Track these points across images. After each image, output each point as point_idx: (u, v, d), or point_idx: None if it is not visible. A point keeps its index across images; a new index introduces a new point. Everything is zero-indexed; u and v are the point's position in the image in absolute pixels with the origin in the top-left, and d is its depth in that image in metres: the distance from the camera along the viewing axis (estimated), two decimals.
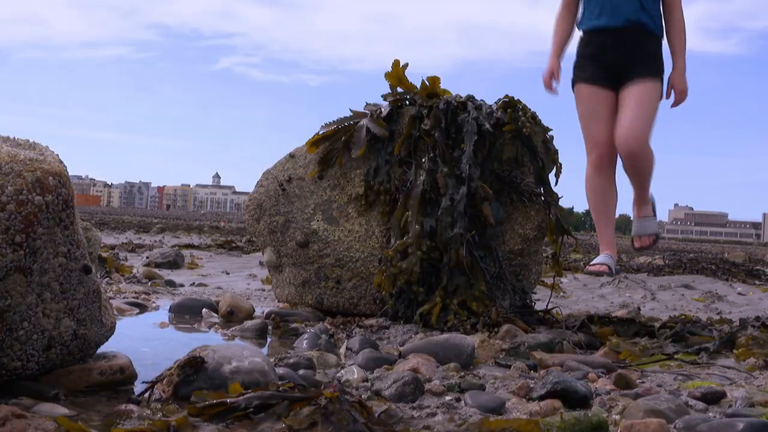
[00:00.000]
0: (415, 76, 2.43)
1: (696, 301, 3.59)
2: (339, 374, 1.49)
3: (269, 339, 2.00)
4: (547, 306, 2.43)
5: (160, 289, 2.92)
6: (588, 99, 3.05)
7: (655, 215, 3.40)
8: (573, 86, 3.09)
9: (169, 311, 2.30)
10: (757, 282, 5.02)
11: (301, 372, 1.45)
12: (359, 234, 2.38)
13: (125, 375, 1.32)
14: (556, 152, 2.42)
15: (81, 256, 1.27)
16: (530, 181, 2.38)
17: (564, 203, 2.43)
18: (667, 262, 6.66)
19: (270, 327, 2.08)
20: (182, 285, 3.20)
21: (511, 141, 2.35)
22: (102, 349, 1.38)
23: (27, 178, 1.17)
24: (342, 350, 1.79)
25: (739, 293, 4.12)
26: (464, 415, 1.24)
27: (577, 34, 3.17)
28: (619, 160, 3.00)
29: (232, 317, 2.26)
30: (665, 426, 1.14)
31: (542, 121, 2.46)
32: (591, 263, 3.04)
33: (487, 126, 2.30)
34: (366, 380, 1.45)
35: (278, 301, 2.56)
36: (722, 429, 1.13)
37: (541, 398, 1.32)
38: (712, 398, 1.36)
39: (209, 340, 1.93)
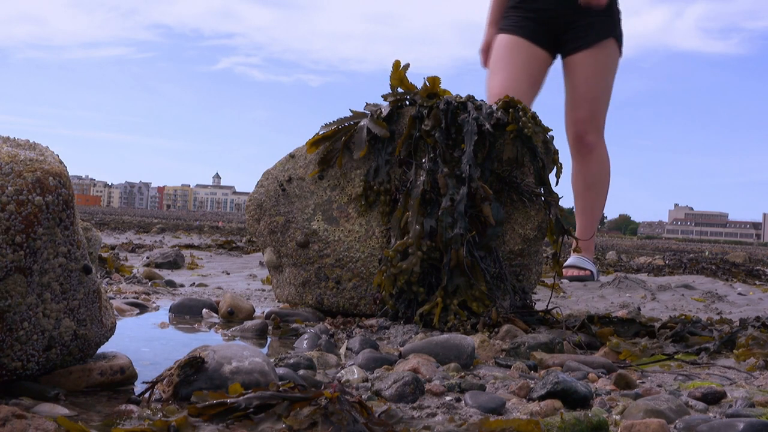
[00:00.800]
0: (416, 77, 2.44)
1: (696, 301, 3.59)
2: (339, 374, 1.50)
3: (269, 339, 2.01)
4: (548, 306, 2.43)
5: (160, 290, 2.92)
6: (502, 48, 2.61)
7: (595, 273, 3.05)
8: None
9: (169, 311, 2.30)
10: (758, 282, 5.02)
11: (301, 372, 1.45)
12: (359, 234, 2.38)
13: (125, 375, 1.33)
14: (557, 152, 2.42)
15: (81, 257, 1.27)
16: (530, 182, 2.38)
17: (564, 203, 2.43)
18: (667, 262, 6.66)
19: (270, 327, 2.08)
20: (182, 285, 3.20)
21: (512, 141, 2.35)
22: (102, 350, 1.38)
23: (27, 179, 1.17)
24: (342, 350, 1.79)
25: (740, 293, 4.12)
26: (464, 415, 1.24)
27: None
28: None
29: (232, 317, 2.26)
30: (665, 426, 1.14)
31: (542, 122, 2.46)
32: (567, 265, 2.76)
33: (488, 126, 2.30)
34: (366, 380, 1.45)
35: (278, 301, 2.56)
36: (722, 429, 1.13)
37: (542, 398, 1.32)
38: (712, 398, 1.36)
39: (209, 341, 1.93)
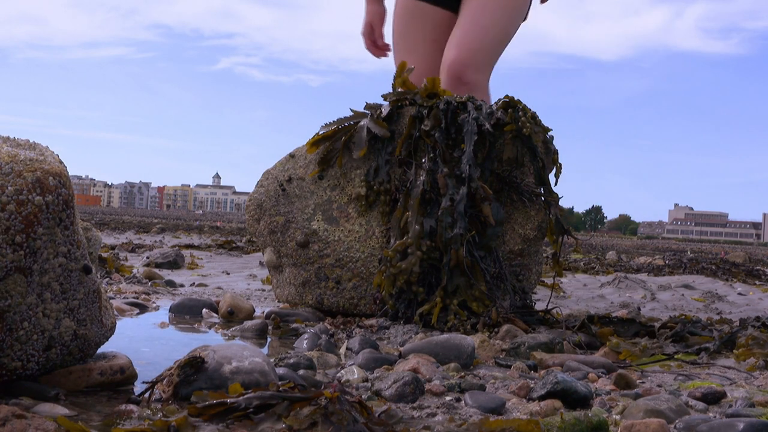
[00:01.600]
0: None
1: (696, 301, 3.59)
2: (339, 374, 1.50)
3: (269, 339, 2.01)
4: (548, 306, 2.43)
5: (160, 289, 2.92)
6: (402, 16, 2.34)
7: None
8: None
9: (169, 311, 2.30)
10: (758, 282, 5.02)
11: (301, 372, 1.45)
12: (359, 234, 2.38)
13: (125, 375, 1.33)
14: (556, 152, 2.42)
15: (81, 257, 1.27)
16: (530, 182, 2.38)
17: (564, 203, 2.43)
18: (667, 262, 6.66)
19: (270, 327, 2.08)
20: (182, 285, 3.20)
21: (512, 141, 2.35)
22: (102, 349, 1.38)
23: (27, 179, 1.17)
24: (342, 350, 1.79)
25: (739, 293, 4.12)
26: (464, 415, 1.24)
27: None
28: None
29: (232, 317, 2.26)
30: (665, 426, 1.14)
31: (542, 122, 2.46)
32: None
33: (487, 126, 2.30)
34: (366, 380, 1.45)
35: (278, 301, 2.56)
36: (722, 429, 1.13)
37: (542, 398, 1.32)
38: (712, 398, 1.36)
39: (209, 341, 1.93)
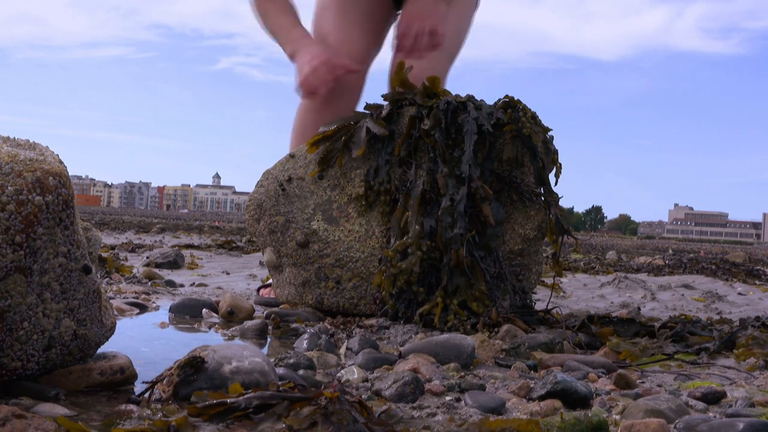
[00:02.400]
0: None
1: (696, 301, 3.59)
2: (339, 374, 1.50)
3: (269, 339, 2.01)
4: (548, 306, 2.43)
5: (160, 289, 2.92)
6: None
7: None
8: None
9: (169, 311, 2.30)
10: (758, 282, 5.02)
11: (301, 372, 1.45)
12: (359, 234, 2.38)
13: (125, 375, 1.32)
14: (556, 152, 2.42)
15: (81, 257, 1.27)
16: (530, 182, 2.38)
17: (564, 203, 2.43)
18: (667, 262, 6.66)
19: (270, 327, 2.08)
20: (182, 285, 3.20)
21: (511, 141, 2.35)
22: (102, 349, 1.38)
23: (27, 179, 1.17)
24: (342, 350, 1.79)
25: (739, 293, 4.12)
26: (464, 415, 1.24)
27: None
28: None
29: (232, 317, 2.26)
30: (665, 426, 1.14)
31: (542, 122, 2.46)
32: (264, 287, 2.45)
33: (488, 126, 2.30)
34: (366, 380, 1.45)
35: (278, 301, 2.56)
36: (722, 429, 1.13)
37: (542, 398, 1.32)
38: (712, 398, 1.36)
39: (209, 340, 1.93)
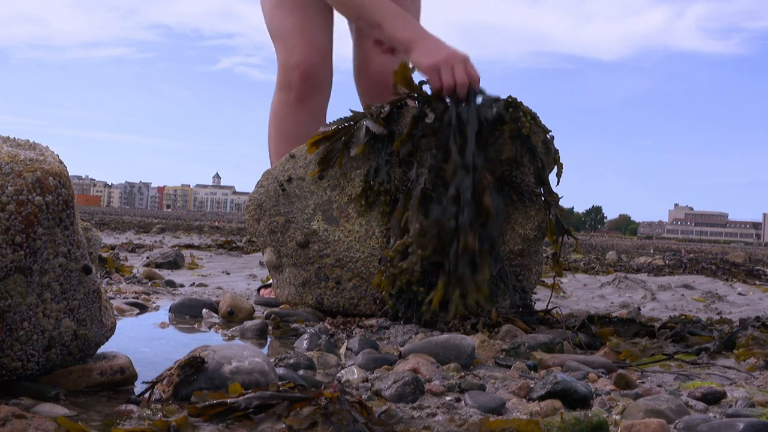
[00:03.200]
0: (417, 76, 2.42)
1: (696, 301, 3.59)
2: (339, 374, 1.50)
3: (269, 339, 2.00)
4: (548, 306, 2.43)
5: (160, 290, 2.92)
6: None
7: None
8: None
9: (169, 311, 2.30)
10: (758, 282, 5.02)
11: (301, 372, 1.45)
12: (359, 234, 2.38)
13: (125, 375, 1.33)
14: (557, 152, 2.42)
15: (81, 257, 1.27)
16: (530, 182, 2.38)
17: (564, 203, 2.43)
18: (667, 262, 6.66)
19: (270, 327, 2.08)
20: (182, 285, 3.20)
21: (511, 141, 2.34)
22: (102, 350, 1.38)
23: (27, 179, 1.17)
24: (342, 350, 1.79)
25: (739, 293, 4.12)
26: (464, 416, 1.24)
27: None
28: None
29: (232, 317, 2.26)
30: (665, 426, 1.14)
31: (542, 123, 2.45)
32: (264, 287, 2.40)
33: (490, 115, 2.27)
34: (366, 380, 1.45)
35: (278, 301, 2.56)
36: (722, 429, 1.13)
37: (542, 398, 1.32)
38: (712, 398, 1.36)
39: (209, 341, 1.93)
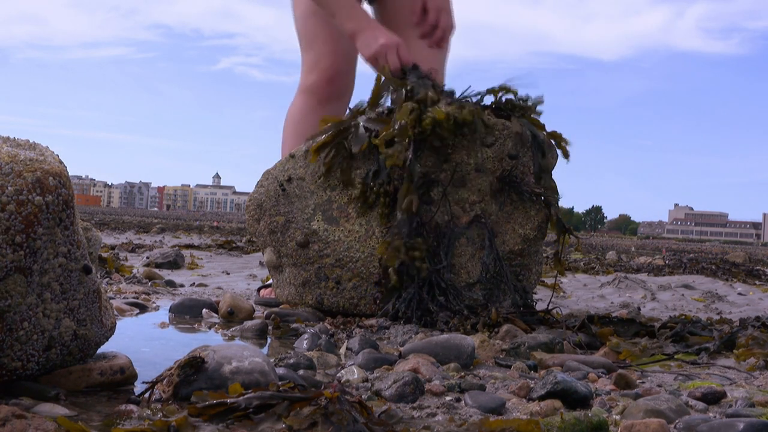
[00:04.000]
0: None
1: (696, 301, 3.59)
2: (339, 374, 1.50)
3: (269, 339, 2.01)
4: (548, 306, 2.43)
5: (160, 290, 2.92)
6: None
7: None
8: None
9: (169, 311, 2.30)
10: (758, 282, 5.02)
11: (301, 372, 1.45)
12: (359, 234, 2.38)
13: (125, 375, 1.33)
14: (562, 142, 2.41)
15: (81, 257, 1.27)
16: (530, 181, 2.38)
17: (564, 203, 2.43)
18: (667, 262, 6.66)
19: (270, 327, 2.08)
20: (182, 285, 3.20)
21: (512, 138, 2.34)
22: (102, 350, 1.38)
23: (27, 179, 1.17)
24: (342, 350, 1.79)
25: (739, 293, 4.12)
26: (464, 416, 1.24)
27: None
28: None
29: (232, 317, 2.26)
30: (665, 426, 1.14)
31: (542, 124, 2.45)
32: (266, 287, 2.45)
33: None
34: (366, 380, 1.45)
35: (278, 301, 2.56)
36: (722, 429, 1.13)
37: (542, 398, 1.32)
38: (712, 398, 1.36)
39: (209, 341, 1.93)
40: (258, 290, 2.78)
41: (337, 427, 1.02)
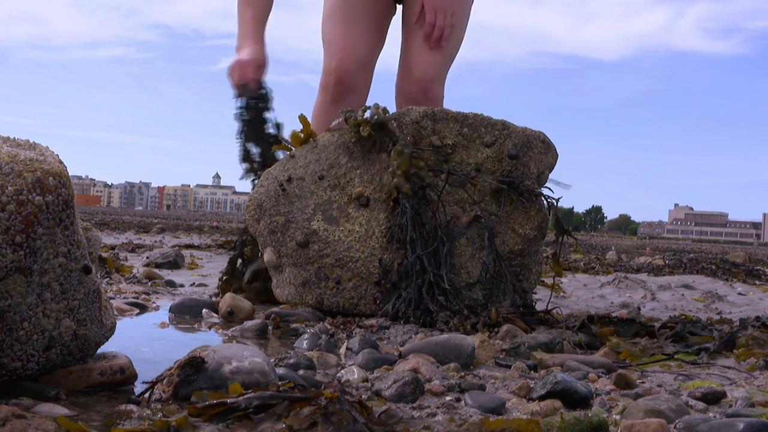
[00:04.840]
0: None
1: (696, 301, 3.59)
2: (339, 374, 1.50)
3: (269, 339, 2.01)
4: (548, 306, 2.43)
5: (160, 290, 2.92)
6: None
7: None
8: None
9: (169, 311, 2.30)
10: (758, 282, 5.02)
11: (301, 372, 1.45)
12: (359, 234, 2.38)
13: (125, 375, 1.33)
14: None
15: (81, 257, 1.27)
16: (530, 182, 2.38)
17: (564, 203, 2.43)
18: (667, 262, 6.66)
19: (270, 327, 2.08)
20: (182, 285, 3.20)
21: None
22: (102, 350, 1.38)
23: (27, 179, 1.17)
24: (342, 350, 1.79)
25: (739, 293, 4.12)
26: (464, 415, 1.24)
27: None
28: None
29: (232, 317, 2.26)
30: (665, 426, 1.14)
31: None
32: None
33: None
34: (366, 380, 1.45)
35: (278, 301, 2.56)
36: (722, 429, 1.13)
37: (542, 398, 1.32)
38: (712, 398, 1.36)
39: (209, 341, 1.93)
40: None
41: (337, 427, 1.02)
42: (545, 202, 2.40)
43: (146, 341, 1.83)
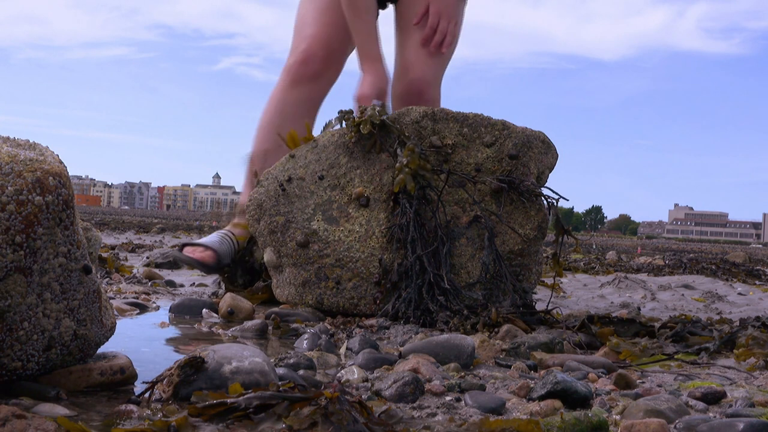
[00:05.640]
0: None
1: (696, 301, 3.59)
2: (339, 374, 1.50)
3: (269, 339, 2.01)
4: (548, 306, 2.43)
5: (160, 290, 2.92)
6: None
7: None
8: None
9: (169, 311, 2.30)
10: (758, 282, 5.02)
11: (301, 372, 1.45)
12: (359, 234, 2.38)
13: (125, 375, 1.32)
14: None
15: (81, 257, 1.27)
16: (530, 182, 2.38)
17: (564, 203, 2.42)
18: (667, 262, 6.66)
19: (270, 327, 2.08)
20: (182, 285, 3.20)
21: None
22: (102, 350, 1.38)
23: (27, 179, 1.17)
24: (342, 350, 1.79)
25: (739, 293, 4.12)
26: (464, 415, 1.24)
27: None
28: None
29: (232, 317, 2.26)
30: (665, 426, 1.14)
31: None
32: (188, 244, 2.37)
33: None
34: (366, 380, 1.45)
35: (278, 301, 2.56)
36: (722, 429, 1.13)
37: (542, 398, 1.32)
38: (713, 398, 1.36)
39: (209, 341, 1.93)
40: (181, 247, 2.55)
41: (337, 427, 1.02)
42: (545, 202, 2.41)
43: (146, 341, 1.83)
